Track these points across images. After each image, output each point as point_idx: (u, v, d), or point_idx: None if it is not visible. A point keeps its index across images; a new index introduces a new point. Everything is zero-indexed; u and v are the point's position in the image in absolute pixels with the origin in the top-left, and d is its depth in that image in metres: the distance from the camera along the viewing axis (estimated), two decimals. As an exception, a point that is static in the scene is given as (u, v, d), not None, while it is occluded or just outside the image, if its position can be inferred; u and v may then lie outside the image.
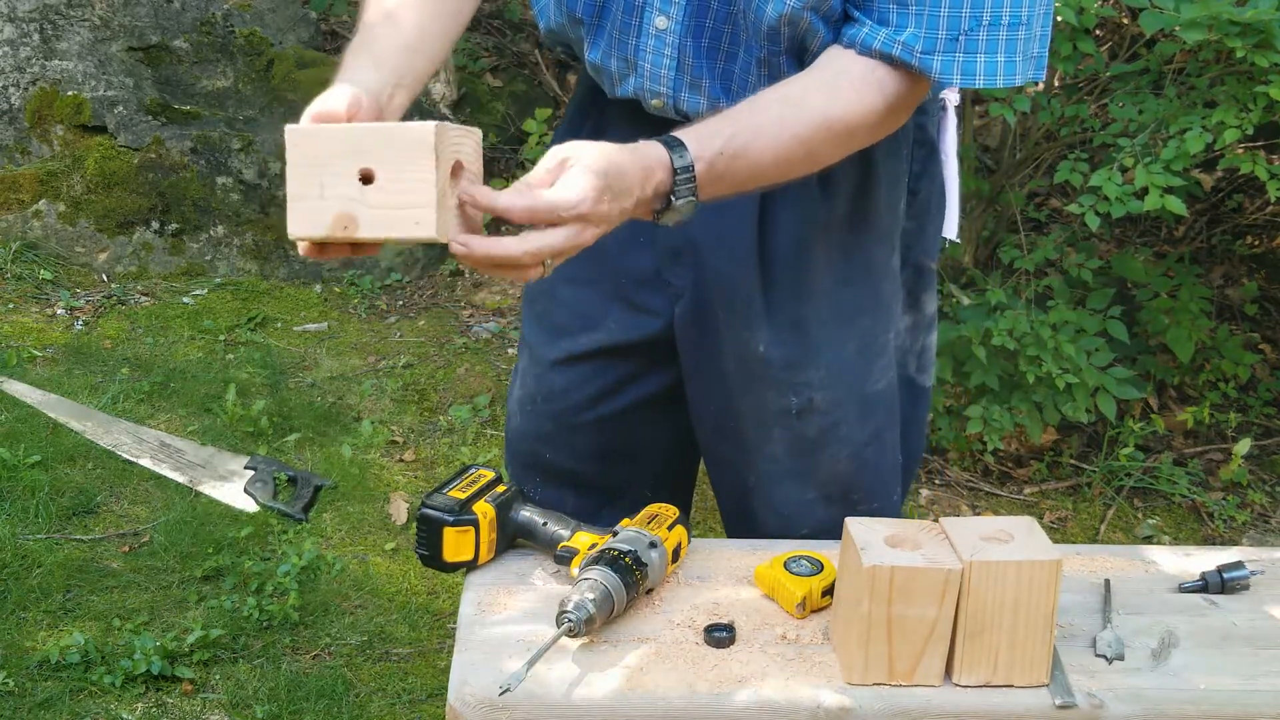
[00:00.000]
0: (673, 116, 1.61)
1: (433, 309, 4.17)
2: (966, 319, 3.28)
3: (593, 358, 1.79)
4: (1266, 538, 3.40)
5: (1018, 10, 1.46)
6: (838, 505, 1.77)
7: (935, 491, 3.46)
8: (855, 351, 1.71)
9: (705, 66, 1.57)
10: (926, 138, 1.73)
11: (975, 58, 1.47)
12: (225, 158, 4.21)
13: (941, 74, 1.47)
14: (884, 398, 1.76)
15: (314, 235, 1.34)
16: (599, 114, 1.71)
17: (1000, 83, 1.48)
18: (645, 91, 1.61)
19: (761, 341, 1.69)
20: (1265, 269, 4.27)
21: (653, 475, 1.89)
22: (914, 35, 1.46)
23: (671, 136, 1.42)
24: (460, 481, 1.58)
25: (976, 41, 1.46)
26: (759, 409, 1.73)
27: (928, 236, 1.79)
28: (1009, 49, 1.48)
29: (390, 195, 1.31)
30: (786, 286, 1.69)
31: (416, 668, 2.71)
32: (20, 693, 2.52)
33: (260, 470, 3.23)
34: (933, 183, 1.76)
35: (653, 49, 1.57)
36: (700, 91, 1.59)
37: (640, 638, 1.45)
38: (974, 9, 1.45)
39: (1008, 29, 1.47)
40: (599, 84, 1.68)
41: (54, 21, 4.25)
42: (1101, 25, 3.98)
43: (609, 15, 1.59)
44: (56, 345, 3.73)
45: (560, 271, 1.80)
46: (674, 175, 1.40)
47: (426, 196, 1.29)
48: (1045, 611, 1.37)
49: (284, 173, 1.37)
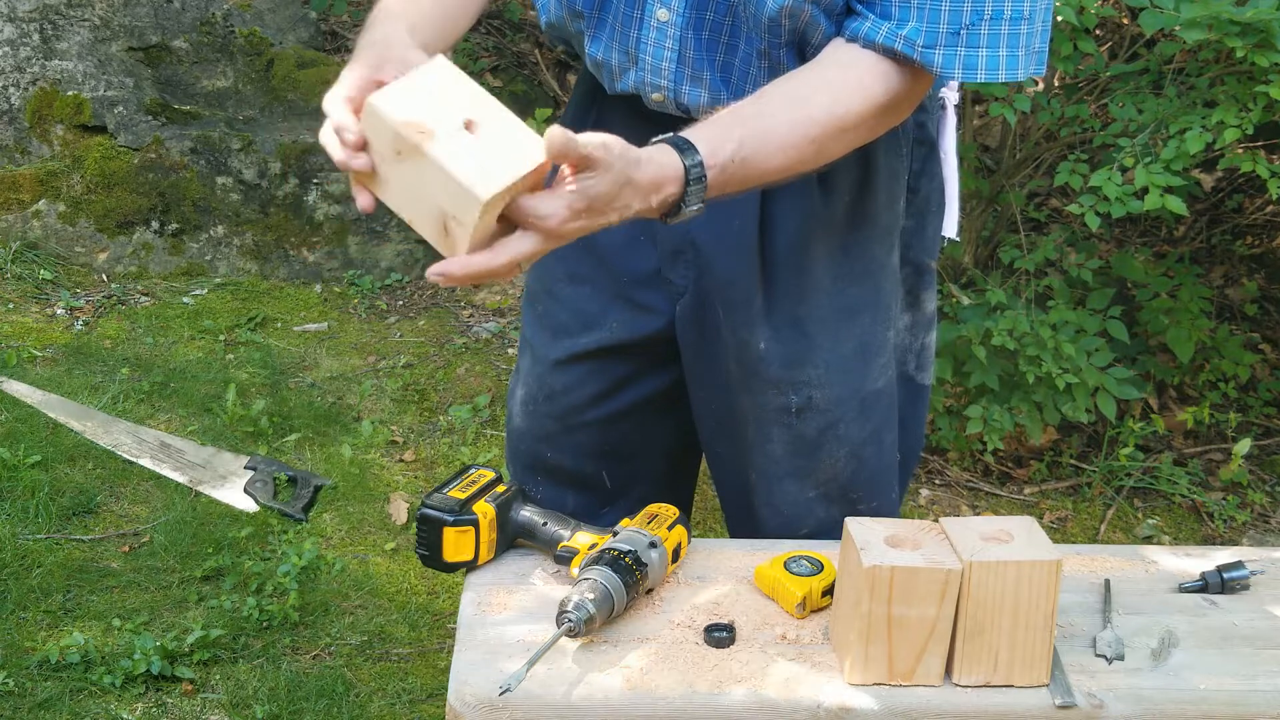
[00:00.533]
0: (673, 111, 1.61)
1: (433, 309, 4.17)
2: (966, 319, 3.28)
3: (594, 357, 1.79)
4: (1266, 538, 3.40)
5: (1019, 5, 1.46)
6: (837, 504, 1.77)
7: (935, 491, 3.46)
8: (854, 350, 1.71)
9: (706, 59, 1.58)
10: (926, 136, 1.73)
11: (977, 52, 1.47)
12: (225, 158, 4.21)
13: (943, 68, 1.47)
14: (883, 396, 1.76)
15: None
16: (599, 113, 1.71)
17: (1003, 77, 1.48)
18: (646, 85, 1.61)
19: (761, 339, 1.69)
20: (1265, 269, 4.27)
21: (654, 474, 1.89)
22: (915, 29, 1.46)
23: (684, 140, 1.40)
24: (460, 481, 1.58)
25: (978, 36, 1.46)
26: (758, 407, 1.73)
27: (927, 235, 1.79)
28: (1011, 43, 1.48)
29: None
30: (786, 285, 1.69)
31: (416, 668, 2.71)
32: (20, 693, 2.52)
33: (260, 470, 3.22)
34: (932, 181, 1.76)
35: (654, 41, 1.57)
36: (701, 84, 1.59)
37: (640, 638, 1.45)
38: (976, 4, 1.45)
39: (1010, 23, 1.47)
40: (599, 79, 1.68)
41: (54, 21, 4.24)
42: (1101, 25, 3.98)
43: (610, 8, 1.59)
44: (56, 345, 3.73)
45: (562, 271, 1.80)
46: (686, 187, 1.39)
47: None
48: (1045, 611, 1.37)
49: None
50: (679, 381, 1.80)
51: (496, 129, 1.34)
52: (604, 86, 1.67)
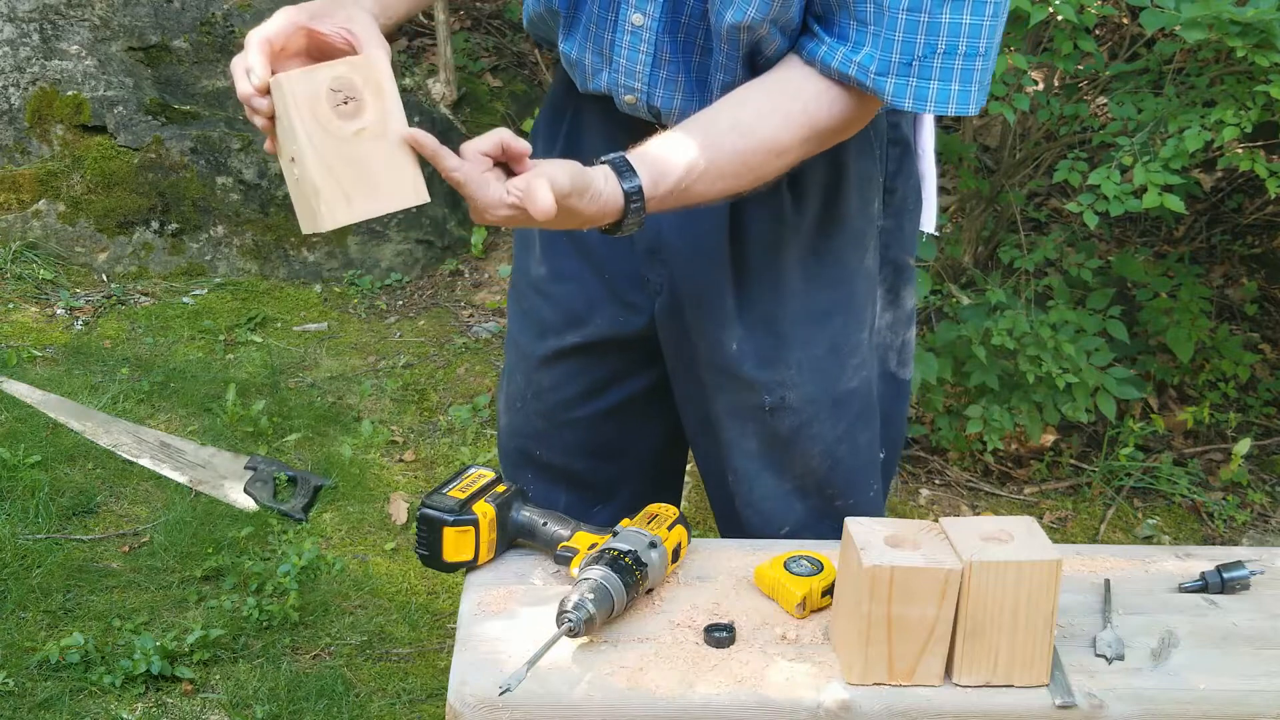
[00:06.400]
0: (644, 115, 1.62)
1: (433, 309, 4.17)
2: (966, 319, 3.28)
3: (580, 354, 1.80)
4: (1266, 538, 3.40)
5: (975, 42, 1.46)
6: (814, 500, 1.78)
7: (935, 491, 3.46)
8: (827, 351, 1.72)
9: (682, 63, 1.58)
10: (900, 136, 1.73)
11: (929, 84, 1.47)
12: (225, 158, 4.21)
13: (894, 96, 1.48)
14: (857, 396, 1.76)
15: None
16: (575, 111, 1.73)
17: (952, 110, 1.49)
18: (620, 87, 1.61)
19: (734, 340, 1.70)
20: (1265, 269, 4.27)
21: (643, 471, 1.90)
22: (870, 55, 1.46)
23: (629, 167, 1.45)
24: (460, 481, 1.59)
25: (931, 68, 1.46)
26: (734, 406, 1.74)
27: (906, 234, 1.79)
28: (964, 79, 1.48)
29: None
30: (758, 287, 1.69)
31: (416, 668, 2.71)
32: (20, 693, 2.52)
33: (260, 470, 3.22)
34: (909, 180, 1.76)
35: (628, 45, 1.58)
36: (676, 87, 1.60)
37: (640, 638, 1.45)
38: (930, 36, 1.45)
39: (964, 59, 1.47)
40: (572, 77, 1.68)
41: (54, 21, 4.24)
42: (1101, 25, 3.98)
43: (584, 8, 1.60)
44: (56, 345, 3.73)
45: (547, 268, 1.81)
46: (624, 217, 1.45)
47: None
48: (1045, 611, 1.37)
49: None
50: (665, 378, 1.80)
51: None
52: (576, 84, 1.68)
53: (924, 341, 3.28)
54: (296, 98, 1.36)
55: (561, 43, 1.64)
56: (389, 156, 1.39)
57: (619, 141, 1.54)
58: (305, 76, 1.37)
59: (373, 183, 1.38)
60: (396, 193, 1.40)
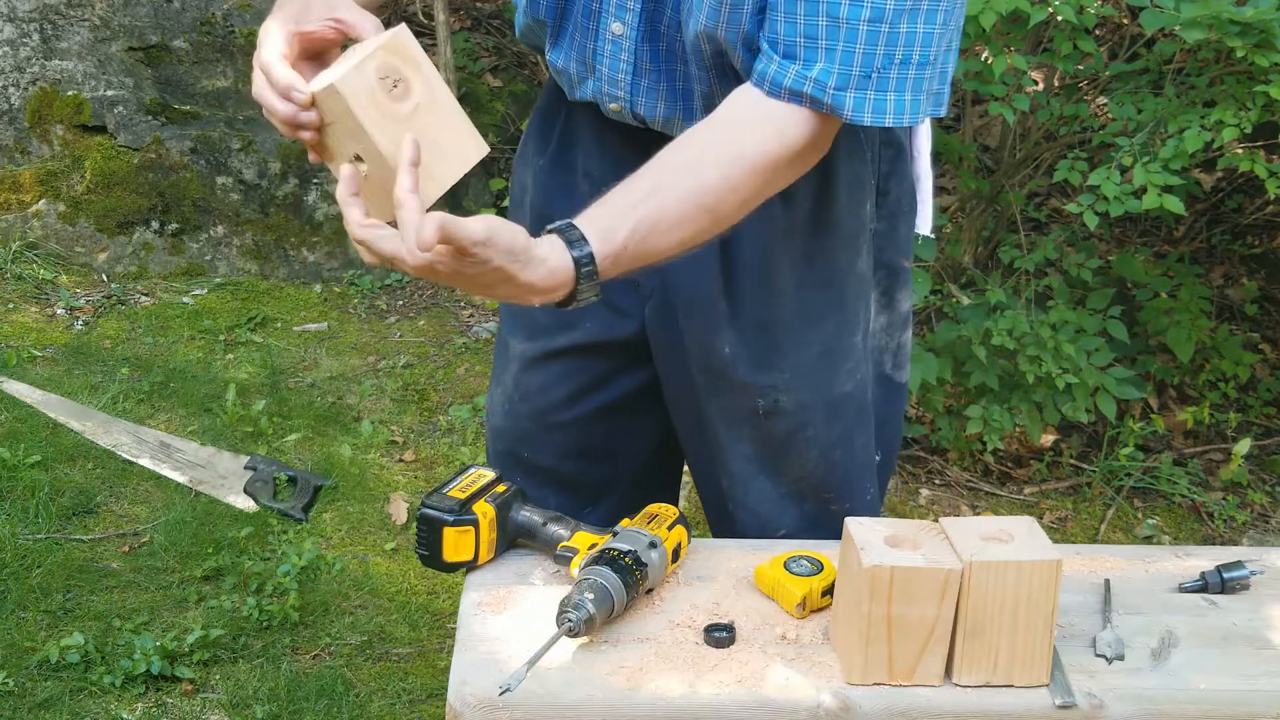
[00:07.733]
0: (630, 121, 1.62)
1: (433, 309, 4.17)
2: (966, 319, 3.28)
3: (569, 356, 1.80)
4: (1266, 538, 3.40)
5: (927, 50, 1.44)
6: (810, 503, 1.77)
7: (935, 491, 3.46)
8: (820, 354, 1.72)
9: (664, 71, 1.58)
10: (893, 138, 1.72)
11: (886, 96, 1.45)
12: (225, 158, 4.21)
13: (853, 112, 1.45)
14: (852, 400, 1.76)
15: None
16: (565, 118, 1.73)
17: (905, 121, 1.47)
18: (604, 95, 1.62)
19: (726, 344, 1.70)
20: (1265, 269, 4.27)
21: (633, 474, 1.90)
22: (826, 71, 1.43)
23: (576, 233, 1.37)
24: (460, 481, 1.59)
25: (888, 80, 1.44)
26: (727, 409, 1.74)
27: (900, 236, 1.78)
28: (915, 88, 1.46)
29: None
30: (750, 291, 1.69)
31: (416, 668, 2.71)
32: (20, 693, 2.52)
33: (260, 470, 3.22)
34: (902, 183, 1.75)
35: (609, 53, 1.58)
36: (658, 96, 1.60)
37: (640, 638, 1.45)
38: (888, 46, 1.43)
39: (916, 68, 1.45)
40: (561, 85, 1.69)
41: (54, 21, 4.24)
42: (1101, 25, 3.98)
43: (570, 18, 1.60)
44: (56, 345, 3.73)
45: None
46: (576, 285, 1.36)
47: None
48: (1045, 611, 1.37)
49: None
50: (655, 381, 1.80)
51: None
52: (565, 92, 1.68)
53: (924, 341, 3.28)
54: (358, 97, 1.35)
55: (549, 51, 1.65)
56: (444, 121, 1.39)
57: (611, 144, 1.52)
58: (355, 75, 1.36)
59: (441, 151, 1.38)
60: (462, 152, 1.40)
